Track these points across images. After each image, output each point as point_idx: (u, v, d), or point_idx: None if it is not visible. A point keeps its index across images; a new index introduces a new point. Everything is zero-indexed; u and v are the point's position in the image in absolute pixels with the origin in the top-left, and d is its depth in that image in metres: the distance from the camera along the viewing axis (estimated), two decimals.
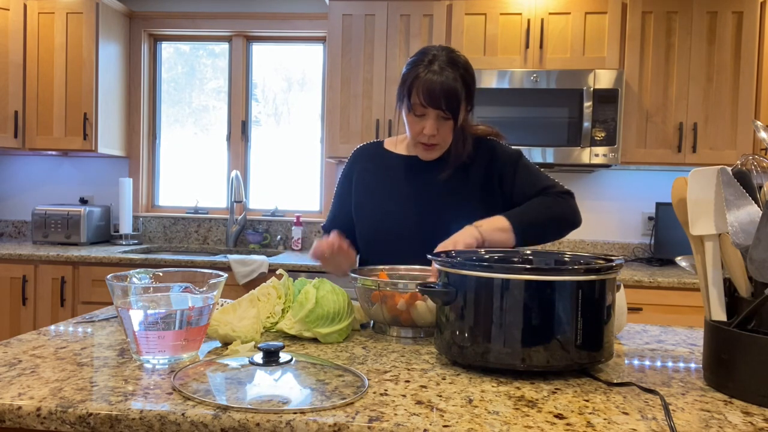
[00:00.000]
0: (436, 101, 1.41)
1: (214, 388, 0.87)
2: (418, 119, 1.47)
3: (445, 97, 1.41)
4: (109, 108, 3.46)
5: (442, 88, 1.41)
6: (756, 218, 0.92)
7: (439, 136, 1.48)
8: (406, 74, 1.46)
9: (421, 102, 1.43)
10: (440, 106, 1.42)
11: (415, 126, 1.48)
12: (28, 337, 1.15)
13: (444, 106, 1.42)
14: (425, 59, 1.45)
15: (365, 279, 1.25)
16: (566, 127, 2.95)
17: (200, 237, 3.69)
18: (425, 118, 1.46)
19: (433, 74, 1.41)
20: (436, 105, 1.42)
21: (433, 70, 1.42)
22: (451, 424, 0.77)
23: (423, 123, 1.46)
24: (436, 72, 1.42)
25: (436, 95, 1.41)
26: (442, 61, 1.44)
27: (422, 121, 1.46)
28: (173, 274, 1.12)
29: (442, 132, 1.48)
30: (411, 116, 1.48)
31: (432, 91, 1.41)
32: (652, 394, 0.91)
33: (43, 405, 0.80)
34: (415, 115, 1.47)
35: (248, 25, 3.67)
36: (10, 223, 3.81)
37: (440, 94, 1.41)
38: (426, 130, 1.46)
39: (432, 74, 1.41)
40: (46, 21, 3.31)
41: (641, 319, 2.69)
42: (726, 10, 2.96)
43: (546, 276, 0.97)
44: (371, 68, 3.17)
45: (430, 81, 1.41)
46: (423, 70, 1.43)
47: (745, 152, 2.94)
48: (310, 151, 3.75)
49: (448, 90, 1.41)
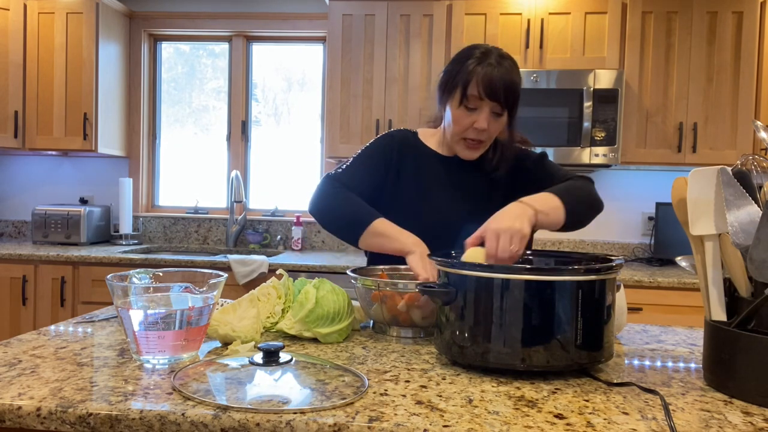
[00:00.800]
0: (495, 93, 1.37)
1: (214, 388, 0.87)
2: (468, 113, 1.41)
3: (504, 90, 1.37)
4: (109, 108, 3.46)
5: (502, 80, 1.36)
6: (756, 218, 0.92)
7: (487, 132, 1.44)
8: (455, 69, 1.42)
9: (479, 94, 1.38)
10: (499, 99, 1.38)
11: (464, 120, 1.42)
12: (28, 337, 1.15)
13: (502, 99, 1.38)
14: (475, 53, 1.40)
15: (365, 279, 1.25)
16: (566, 127, 2.95)
17: (200, 237, 3.69)
18: (477, 112, 1.41)
19: (491, 67, 1.37)
20: (495, 97, 1.37)
21: (491, 63, 1.38)
22: (451, 424, 0.77)
23: (474, 117, 1.41)
24: (494, 65, 1.37)
25: (496, 87, 1.36)
26: (496, 54, 1.40)
27: (474, 115, 1.41)
28: (173, 274, 1.12)
29: (491, 129, 1.43)
30: (461, 110, 1.42)
31: (492, 83, 1.36)
32: (652, 394, 0.91)
33: (43, 405, 0.80)
34: (467, 108, 1.41)
35: (248, 25, 3.67)
36: (10, 223, 3.81)
37: (500, 85, 1.36)
38: (478, 123, 1.40)
39: (490, 67, 1.37)
40: (46, 21, 3.31)
41: (641, 319, 2.69)
42: (726, 10, 2.96)
43: (546, 276, 0.97)
44: (371, 68, 3.17)
45: (490, 73, 1.37)
46: (476, 63, 1.38)
47: (745, 152, 2.94)
48: (310, 151, 3.75)
49: (509, 83, 1.37)
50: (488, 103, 1.39)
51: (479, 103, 1.40)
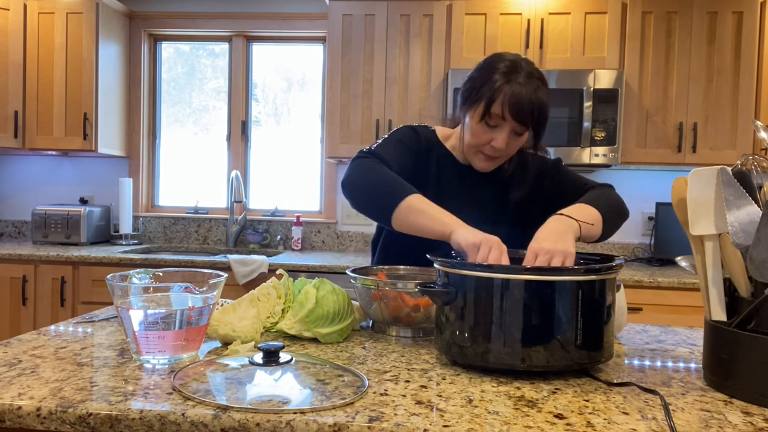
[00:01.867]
0: (522, 116, 1.31)
1: (214, 388, 0.87)
2: (488, 129, 1.36)
3: (532, 113, 1.30)
4: (109, 108, 3.46)
5: (530, 102, 1.29)
6: (756, 218, 0.92)
7: (506, 150, 1.38)
8: (481, 80, 1.35)
9: (503, 115, 1.32)
10: (525, 121, 1.32)
11: (483, 136, 1.37)
12: (28, 337, 1.15)
13: (529, 121, 1.32)
14: (500, 66, 1.33)
15: (365, 279, 1.25)
16: (566, 127, 2.95)
17: (200, 237, 3.69)
18: (497, 130, 1.35)
19: (519, 86, 1.30)
20: (522, 120, 1.31)
21: (519, 82, 1.30)
22: (451, 424, 0.77)
23: (493, 134, 1.35)
24: (522, 84, 1.30)
25: (523, 110, 1.30)
26: (526, 72, 1.32)
27: (493, 133, 1.35)
28: (173, 274, 1.12)
29: (510, 146, 1.38)
30: (482, 125, 1.36)
31: (520, 105, 1.29)
32: (652, 394, 0.91)
33: (43, 405, 0.80)
34: (487, 125, 1.35)
35: (248, 25, 3.67)
36: (10, 223, 3.81)
37: (528, 108, 1.30)
38: (496, 142, 1.35)
39: (518, 86, 1.30)
40: (46, 21, 3.31)
41: (641, 319, 2.69)
42: (726, 10, 2.96)
43: (546, 276, 0.97)
44: (371, 68, 3.17)
45: (518, 93, 1.29)
46: (504, 79, 1.31)
47: (745, 152, 2.94)
48: (310, 151, 3.75)
49: (538, 104, 1.30)
50: (510, 123, 1.34)
51: (501, 122, 1.34)
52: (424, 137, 1.51)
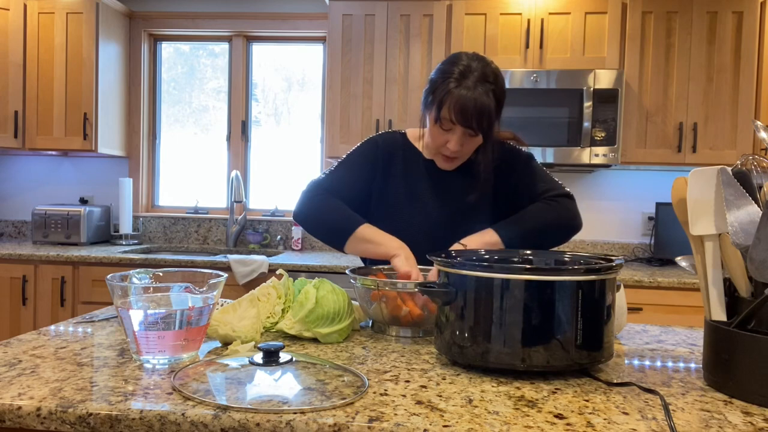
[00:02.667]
0: (467, 120, 1.35)
1: (214, 388, 0.87)
2: (443, 132, 1.42)
3: (477, 117, 1.35)
4: (109, 108, 3.46)
5: (475, 107, 1.34)
6: (756, 218, 0.92)
7: (462, 151, 1.44)
8: (437, 84, 1.40)
9: (451, 119, 1.37)
10: (471, 126, 1.36)
11: (439, 138, 1.43)
12: (28, 337, 1.15)
13: (475, 125, 1.36)
14: (456, 70, 1.37)
15: (364, 279, 1.25)
16: (566, 127, 2.95)
17: (200, 237, 3.69)
18: (451, 133, 1.41)
19: (467, 90, 1.34)
20: (467, 124, 1.36)
21: (467, 86, 1.35)
22: (451, 424, 0.77)
23: (448, 137, 1.41)
24: (470, 88, 1.34)
25: (468, 114, 1.35)
26: (475, 76, 1.36)
27: (447, 135, 1.41)
28: (173, 274, 1.12)
29: (466, 147, 1.44)
30: (437, 128, 1.42)
31: (465, 109, 1.34)
32: (652, 394, 0.91)
33: (43, 405, 0.80)
34: (441, 128, 1.41)
35: (248, 25, 3.67)
36: (10, 223, 3.81)
37: (473, 113, 1.34)
38: (450, 145, 1.41)
39: (465, 90, 1.34)
40: (46, 21, 3.31)
41: (641, 319, 2.69)
42: (726, 10, 2.96)
43: (546, 276, 0.97)
44: (371, 68, 3.17)
45: (464, 97, 1.34)
46: (455, 84, 1.36)
47: (745, 152, 2.94)
48: (310, 151, 3.75)
49: (482, 109, 1.35)
50: (460, 127, 1.39)
51: (452, 125, 1.39)
52: (386, 144, 1.58)
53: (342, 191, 1.50)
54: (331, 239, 1.45)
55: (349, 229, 1.41)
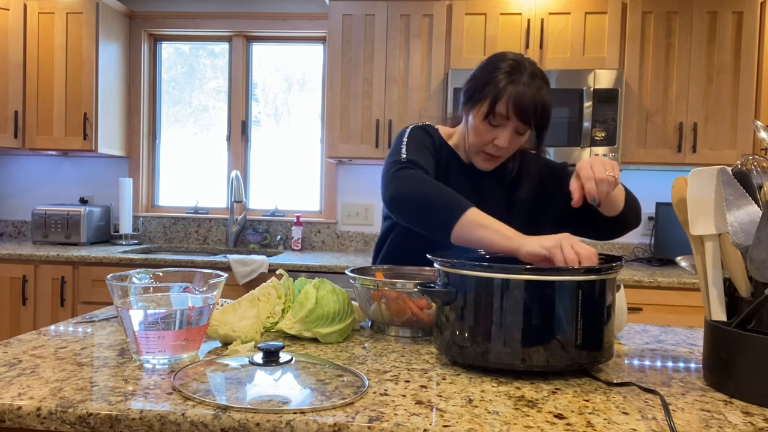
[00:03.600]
0: (526, 115, 1.32)
1: (214, 388, 0.87)
2: (491, 128, 1.37)
3: (535, 112, 1.32)
4: (109, 108, 3.46)
5: (534, 102, 1.31)
6: (756, 218, 0.92)
7: (507, 149, 1.40)
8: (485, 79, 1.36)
9: (507, 114, 1.33)
10: (529, 122, 1.33)
11: (486, 134, 1.38)
12: (28, 337, 1.15)
13: (533, 122, 1.34)
14: (503, 65, 1.34)
15: (364, 279, 1.25)
16: (566, 127, 2.95)
17: (200, 237, 3.69)
18: (501, 129, 1.36)
19: (524, 86, 1.31)
20: (526, 120, 1.33)
21: (523, 82, 1.32)
22: (451, 424, 0.77)
23: (496, 133, 1.37)
24: (526, 84, 1.31)
25: (527, 109, 1.32)
26: (529, 71, 1.33)
27: (496, 131, 1.37)
28: (173, 274, 1.12)
29: (512, 146, 1.40)
30: (485, 124, 1.37)
31: (523, 104, 1.31)
32: (652, 394, 0.91)
33: (43, 405, 0.80)
34: (490, 124, 1.37)
35: (248, 25, 3.67)
36: (10, 223, 3.81)
37: (532, 108, 1.32)
38: (498, 141, 1.36)
39: (523, 86, 1.31)
40: (46, 21, 3.31)
41: (641, 319, 2.69)
42: (726, 10, 2.96)
43: (546, 276, 0.97)
44: (371, 68, 3.17)
45: (522, 93, 1.31)
46: (507, 78, 1.32)
47: (745, 152, 2.94)
48: (310, 151, 3.75)
49: (542, 105, 1.32)
50: (514, 122, 1.35)
51: (504, 121, 1.36)
52: (435, 138, 1.50)
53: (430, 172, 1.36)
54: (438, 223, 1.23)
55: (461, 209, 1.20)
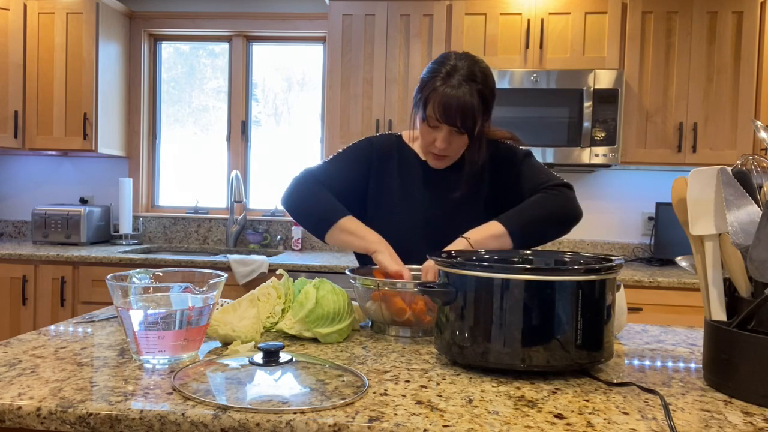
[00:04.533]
0: (451, 118, 1.38)
1: (214, 388, 0.87)
2: (431, 130, 1.44)
3: (461, 115, 1.37)
4: (109, 108, 3.46)
5: (458, 105, 1.37)
6: (756, 218, 0.92)
7: (450, 149, 1.46)
8: (424, 82, 1.43)
9: (435, 117, 1.40)
10: (455, 124, 1.39)
11: (428, 136, 1.46)
12: (28, 337, 1.15)
13: (459, 124, 1.38)
14: (443, 69, 1.40)
15: (364, 279, 1.25)
16: (566, 127, 2.95)
17: (200, 237, 3.69)
18: (438, 131, 1.43)
19: (451, 89, 1.37)
20: (450, 122, 1.39)
21: (452, 84, 1.37)
22: (451, 424, 0.77)
23: (435, 135, 1.43)
24: (454, 86, 1.37)
25: (451, 112, 1.37)
26: (461, 74, 1.39)
27: (435, 133, 1.44)
28: (173, 274, 1.12)
29: (454, 145, 1.45)
30: (425, 126, 1.45)
31: (448, 107, 1.37)
32: (652, 394, 0.91)
33: (43, 405, 0.80)
34: (428, 126, 1.44)
35: (248, 25, 3.67)
36: (10, 223, 3.81)
37: (456, 111, 1.37)
38: (437, 143, 1.43)
39: (450, 88, 1.37)
40: (46, 21, 3.31)
41: (641, 319, 2.69)
42: (726, 10, 2.96)
43: (546, 276, 0.97)
44: (371, 68, 3.17)
45: (447, 96, 1.37)
46: (441, 82, 1.39)
47: (745, 152, 2.94)
48: (310, 151, 3.75)
49: (465, 107, 1.37)
50: (446, 126, 1.41)
51: (438, 123, 1.41)
52: (380, 146, 1.59)
53: (333, 183, 1.51)
54: (314, 227, 1.47)
55: (333, 219, 1.43)
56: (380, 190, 1.58)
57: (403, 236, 1.50)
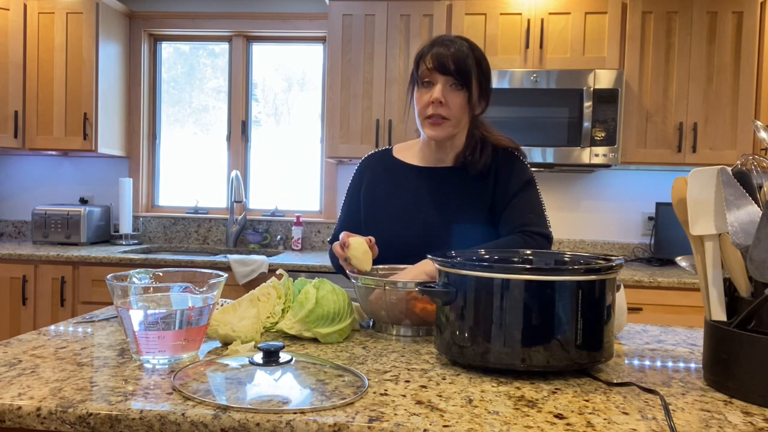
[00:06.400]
0: (443, 65, 1.41)
1: (214, 388, 0.88)
2: (425, 90, 1.45)
3: (454, 61, 1.41)
4: (109, 108, 3.46)
5: (451, 53, 1.41)
6: (756, 218, 0.92)
7: (447, 107, 1.44)
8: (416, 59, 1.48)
9: (428, 67, 1.42)
10: (448, 70, 1.41)
11: (423, 97, 1.45)
12: (28, 337, 1.15)
13: (453, 69, 1.41)
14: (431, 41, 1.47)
15: (365, 278, 1.25)
16: (566, 127, 2.95)
17: (200, 237, 3.69)
18: (433, 87, 1.43)
19: (443, 46, 1.43)
20: (443, 69, 1.41)
21: (443, 43, 1.44)
22: (451, 424, 0.77)
23: (431, 92, 1.44)
24: (446, 44, 1.43)
25: (444, 59, 1.41)
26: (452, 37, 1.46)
27: (431, 90, 1.44)
28: (173, 274, 1.12)
29: (451, 103, 1.44)
30: (419, 90, 1.46)
31: (441, 56, 1.41)
32: (652, 394, 0.91)
33: (43, 405, 0.80)
34: (422, 85, 1.45)
35: (248, 25, 3.67)
36: (10, 223, 3.81)
37: (448, 58, 1.41)
38: (434, 94, 1.42)
39: (441, 46, 1.43)
40: (46, 21, 3.31)
41: (641, 319, 2.69)
42: (726, 10, 2.96)
43: (546, 276, 0.97)
44: (371, 68, 3.17)
45: (439, 49, 1.42)
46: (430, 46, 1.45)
47: (745, 152, 2.94)
48: (310, 151, 3.75)
49: (458, 55, 1.41)
50: (441, 77, 1.42)
51: (433, 77, 1.43)
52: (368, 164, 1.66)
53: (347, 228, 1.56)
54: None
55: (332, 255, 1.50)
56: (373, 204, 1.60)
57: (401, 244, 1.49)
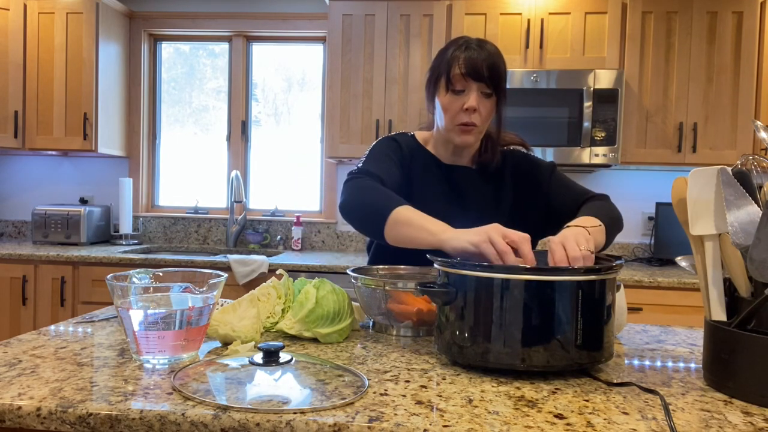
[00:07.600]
0: (479, 72, 1.38)
1: (214, 388, 0.87)
2: (457, 97, 1.42)
3: (488, 69, 1.39)
4: (109, 108, 3.46)
5: (484, 60, 1.39)
6: (756, 218, 0.92)
7: (478, 114, 1.43)
8: (440, 60, 1.44)
9: (462, 73, 1.39)
10: (483, 78, 1.39)
11: (454, 104, 1.42)
12: (28, 337, 1.15)
13: (486, 77, 1.39)
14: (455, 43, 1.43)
15: (365, 278, 1.25)
16: (566, 127, 2.95)
17: (200, 237, 3.69)
18: (466, 94, 1.41)
19: (472, 51, 1.40)
20: (479, 77, 1.39)
21: (472, 48, 1.41)
22: (451, 424, 0.77)
23: (463, 99, 1.41)
24: (475, 49, 1.40)
25: (479, 66, 1.38)
26: (477, 41, 1.43)
27: (462, 97, 1.41)
28: (173, 274, 1.12)
29: (482, 110, 1.42)
30: (449, 96, 1.42)
31: (475, 62, 1.38)
32: (652, 394, 0.91)
33: (43, 405, 0.80)
34: (454, 93, 1.42)
35: (248, 25, 3.67)
36: (10, 223, 3.81)
37: (484, 65, 1.39)
38: (469, 102, 1.40)
39: (471, 51, 1.40)
40: (46, 21, 3.31)
41: (641, 319, 2.69)
42: (726, 10, 2.96)
43: (546, 276, 0.97)
44: (371, 68, 3.17)
45: (471, 55, 1.39)
46: (456, 49, 1.41)
47: (745, 152, 2.94)
48: (310, 151, 3.75)
49: (492, 62, 1.40)
50: (474, 84, 1.40)
51: (465, 84, 1.41)
52: (405, 145, 1.54)
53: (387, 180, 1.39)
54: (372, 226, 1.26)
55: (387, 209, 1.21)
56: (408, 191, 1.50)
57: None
